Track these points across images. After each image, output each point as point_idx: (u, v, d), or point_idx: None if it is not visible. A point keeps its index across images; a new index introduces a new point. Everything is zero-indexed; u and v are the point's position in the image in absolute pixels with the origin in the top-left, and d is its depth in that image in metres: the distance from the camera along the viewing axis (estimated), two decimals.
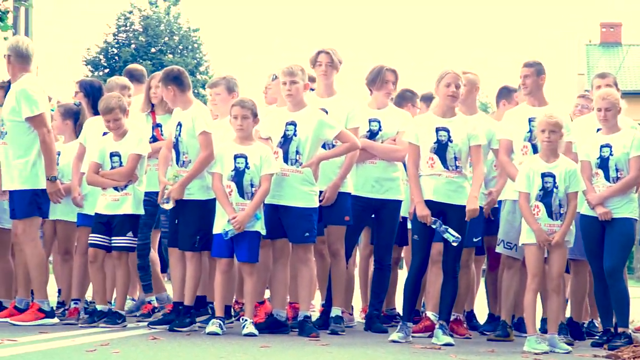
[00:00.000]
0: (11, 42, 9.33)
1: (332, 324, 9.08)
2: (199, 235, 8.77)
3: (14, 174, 8.97)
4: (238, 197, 8.61)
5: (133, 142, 8.99)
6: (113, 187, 8.99)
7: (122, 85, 9.94)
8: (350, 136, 8.94)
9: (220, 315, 8.63)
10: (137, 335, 8.35)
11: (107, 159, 9.05)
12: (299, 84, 8.82)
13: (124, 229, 8.97)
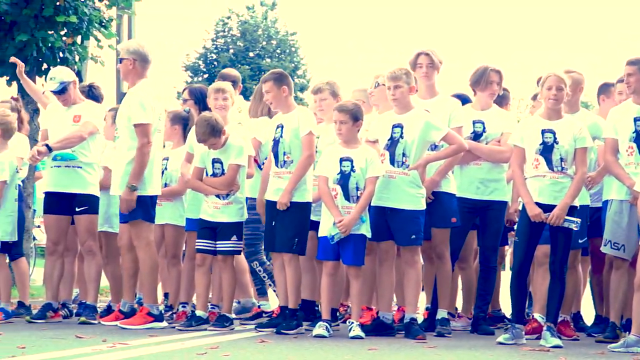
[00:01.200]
0: (132, 46, 9.44)
1: (439, 326, 9.06)
2: (297, 238, 8.83)
3: (126, 179, 9.14)
4: (343, 200, 8.64)
5: (234, 151, 9.08)
6: (215, 195, 9.09)
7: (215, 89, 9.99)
8: (456, 138, 8.91)
9: (327, 318, 8.67)
10: (245, 338, 8.44)
11: (209, 164, 9.16)
12: (403, 87, 8.82)
13: (229, 233, 9.08)
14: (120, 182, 9.13)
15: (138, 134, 9.08)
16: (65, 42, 13.84)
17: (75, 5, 13.60)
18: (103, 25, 14.33)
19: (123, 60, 9.33)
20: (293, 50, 53.39)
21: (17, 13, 13.20)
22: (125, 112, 9.20)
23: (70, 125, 9.78)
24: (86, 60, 14.61)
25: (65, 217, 9.82)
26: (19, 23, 13.30)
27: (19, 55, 13.39)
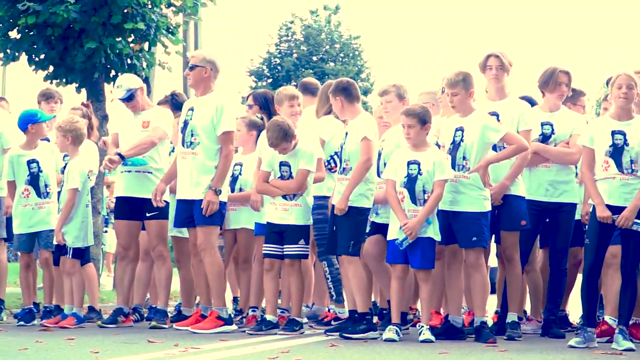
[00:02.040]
0: (208, 55, 9.55)
1: (509, 329, 8.99)
2: (353, 240, 8.84)
3: (201, 184, 9.21)
4: (410, 203, 8.63)
5: (304, 157, 9.11)
6: (282, 197, 9.13)
7: (290, 95, 10.04)
8: (516, 138, 8.82)
9: (397, 322, 8.66)
10: (316, 342, 8.45)
11: (277, 167, 9.20)
12: (460, 94, 8.77)
13: (296, 237, 9.11)
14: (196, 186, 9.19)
15: (224, 141, 9.22)
16: (133, 48, 13.99)
17: (143, 12, 13.74)
18: (170, 31, 14.46)
19: (196, 67, 9.39)
20: (356, 54, 53.37)
21: (86, 21, 13.37)
22: (208, 119, 9.28)
23: (140, 131, 9.88)
24: (154, 66, 14.76)
25: (135, 223, 9.92)
26: (88, 30, 13.47)
27: (87, 62, 13.60)
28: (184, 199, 9.40)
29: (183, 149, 9.37)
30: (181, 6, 14.68)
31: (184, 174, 9.37)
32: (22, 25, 13.34)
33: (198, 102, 9.46)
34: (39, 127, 10.03)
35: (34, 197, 9.97)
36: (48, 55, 13.77)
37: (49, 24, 13.29)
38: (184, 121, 9.42)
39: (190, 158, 9.33)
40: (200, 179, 9.25)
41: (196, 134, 9.31)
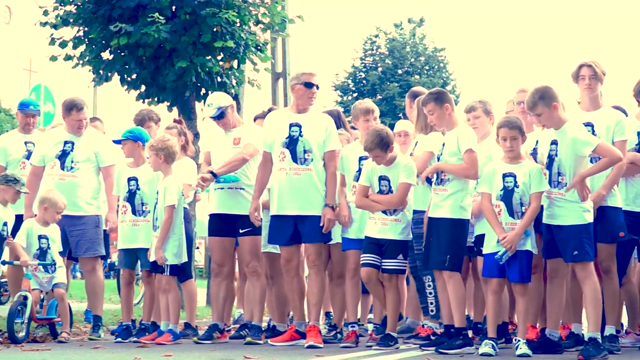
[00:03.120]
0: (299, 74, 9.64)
1: (607, 342, 8.83)
2: (449, 254, 8.77)
3: (313, 200, 9.25)
4: (507, 216, 8.54)
5: (405, 170, 9.08)
6: (382, 211, 9.11)
7: (365, 110, 10.00)
8: (609, 149, 8.59)
9: (493, 336, 8.58)
10: (411, 357, 8.41)
11: (375, 181, 9.18)
12: (544, 112, 8.56)
13: (394, 252, 9.09)
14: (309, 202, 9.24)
15: (330, 159, 9.29)
16: (222, 66, 14.12)
17: (232, 31, 13.87)
18: (259, 48, 14.56)
19: (297, 86, 9.49)
20: (442, 66, 53.18)
21: (177, 40, 13.54)
22: (320, 136, 9.34)
23: (231, 148, 9.97)
24: (243, 83, 14.88)
25: (229, 239, 10.00)
26: (179, 50, 13.64)
27: (178, 81, 13.76)
28: (291, 214, 9.38)
29: (295, 164, 9.38)
30: (269, 23, 14.78)
31: (294, 190, 9.36)
32: (114, 46, 13.56)
33: (304, 119, 9.48)
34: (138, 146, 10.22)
35: (130, 214, 10.11)
36: (140, 75, 13.96)
37: (140, 44, 13.49)
38: (288, 137, 9.43)
39: (304, 174, 9.36)
40: (314, 195, 9.29)
41: (309, 150, 9.36)
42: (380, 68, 52.83)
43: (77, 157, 10.58)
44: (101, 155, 10.73)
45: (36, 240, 9.86)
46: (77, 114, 10.61)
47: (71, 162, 10.57)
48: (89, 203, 10.53)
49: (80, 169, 10.56)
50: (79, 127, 10.63)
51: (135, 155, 10.19)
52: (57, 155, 10.58)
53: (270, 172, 9.60)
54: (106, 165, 10.71)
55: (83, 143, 10.67)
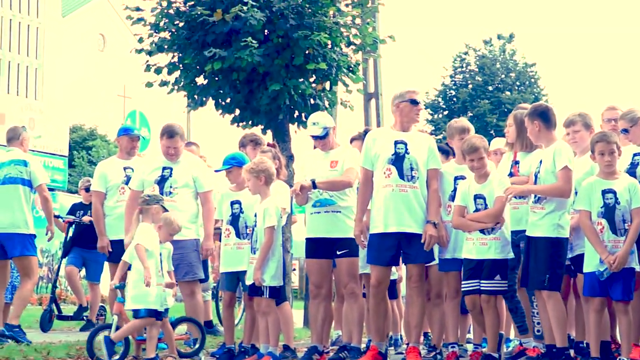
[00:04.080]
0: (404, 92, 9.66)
1: None
2: (548, 274, 8.65)
3: (419, 218, 9.22)
4: (611, 234, 8.40)
5: (500, 186, 9.01)
6: (479, 231, 9.04)
7: (461, 128, 9.94)
8: None
9: (596, 356, 8.44)
10: None
11: (471, 201, 9.12)
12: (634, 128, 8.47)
13: (493, 272, 9.00)
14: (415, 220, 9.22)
15: (433, 177, 9.27)
16: (315, 88, 14.18)
17: (324, 53, 13.93)
18: (351, 70, 14.60)
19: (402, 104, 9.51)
20: (533, 81, 52.73)
21: (270, 64, 13.65)
22: (424, 154, 9.33)
23: (328, 170, 9.97)
24: (336, 105, 14.92)
25: (326, 261, 10.01)
26: (272, 73, 13.75)
27: (272, 104, 13.86)
28: (397, 232, 9.33)
29: (402, 181, 9.34)
30: (361, 45, 14.81)
31: (401, 206, 9.32)
32: (208, 71, 13.72)
33: (409, 137, 9.47)
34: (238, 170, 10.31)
35: (234, 237, 10.18)
36: (234, 99, 14.11)
37: (234, 68, 13.62)
38: (394, 154, 9.41)
39: (411, 192, 9.32)
40: (420, 213, 9.26)
41: (416, 168, 9.34)
42: (471, 85, 52.62)
43: (175, 182, 10.71)
44: (200, 181, 10.84)
45: None
46: (167, 140, 10.74)
47: (170, 188, 10.70)
48: (187, 227, 10.64)
49: (179, 194, 10.69)
50: (168, 154, 10.75)
51: (239, 179, 10.28)
52: (156, 181, 10.72)
53: (372, 191, 9.54)
54: (205, 191, 10.84)
55: (181, 169, 10.79)
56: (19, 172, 11.60)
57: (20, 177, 11.59)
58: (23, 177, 11.60)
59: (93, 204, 11.83)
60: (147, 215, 9.67)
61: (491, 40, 53.75)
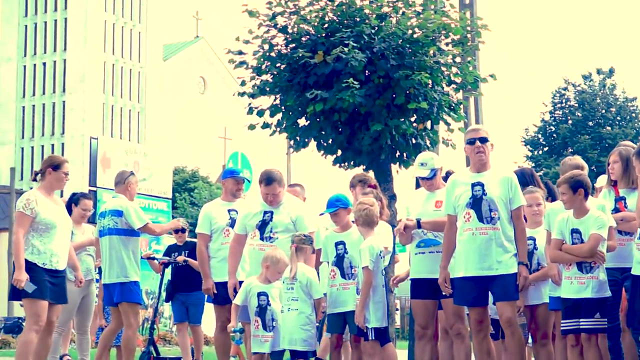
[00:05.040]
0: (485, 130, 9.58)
1: None
2: None
3: (502, 259, 9.12)
4: None
5: (596, 223, 8.87)
6: (578, 269, 8.90)
7: (575, 165, 9.82)
8: None
9: None
10: None
11: (568, 235, 8.99)
12: None
13: (592, 310, 8.85)
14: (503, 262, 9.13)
15: (518, 216, 9.16)
16: (417, 128, 14.19)
17: (425, 92, 13.94)
18: (452, 108, 14.58)
19: (488, 140, 9.41)
20: (634, 116, 51.96)
21: (371, 104, 13.71)
22: (503, 193, 9.23)
23: (433, 210, 9.93)
24: (437, 144, 14.89)
25: (432, 302, 9.93)
26: (373, 113, 13.80)
27: (374, 144, 13.90)
28: (480, 275, 9.28)
29: (481, 224, 9.26)
30: (462, 83, 14.79)
31: (482, 250, 9.24)
32: (310, 112, 13.83)
33: (485, 177, 9.39)
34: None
35: (339, 278, 10.18)
36: (336, 140, 14.18)
37: (335, 109, 13.72)
38: (471, 197, 9.35)
39: (491, 233, 9.23)
40: (503, 255, 9.16)
41: (494, 208, 9.24)
42: (570, 121, 52.08)
43: (276, 227, 10.74)
44: (302, 223, 10.83)
45: (255, 298, 10.02)
46: (265, 187, 10.74)
47: (270, 232, 10.72)
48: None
49: (279, 239, 10.71)
50: (267, 200, 10.77)
51: (345, 221, 10.30)
52: (257, 226, 10.77)
53: (455, 235, 9.46)
54: (307, 233, 10.83)
55: (282, 213, 10.81)
56: (114, 223, 11.84)
57: (116, 228, 11.83)
58: (118, 227, 11.83)
59: (198, 246, 11.96)
60: (302, 254, 9.86)
61: (591, 75, 53.15)
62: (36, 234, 10.16)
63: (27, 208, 10.11)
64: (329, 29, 13.96)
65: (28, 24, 52.80)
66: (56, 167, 10.31)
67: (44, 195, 10.24)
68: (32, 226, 10.11)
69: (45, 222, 10.17)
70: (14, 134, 52.92)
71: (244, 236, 10.81)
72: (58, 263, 10.26)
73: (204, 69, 62.14)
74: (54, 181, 10.33)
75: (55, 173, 10.30)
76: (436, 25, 14.12)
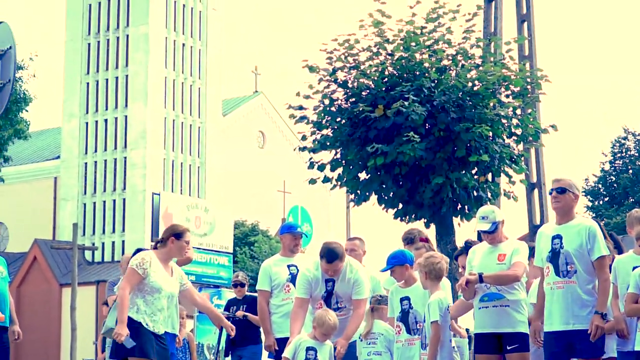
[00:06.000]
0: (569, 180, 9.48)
1: None
2: None
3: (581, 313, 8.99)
4: None
5: None
6: None
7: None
8: None
9: None
10: None
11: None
12: None
13: None
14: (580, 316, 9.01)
15: (600, 266, 9.03)
16: (478, 180, 14.15)
17: (485, 145, 13.93)
18: (513, 160, 14.53)
19: (567, 192, 9.30)
20: None
21: (432, 157, 13.73)
22: (580, 244, 9.12)
23: (495, 264, 9.83)
24: (499, 196, 14.83)
25: (497, 357, 9.82)
26: (434, 166, 13.81)
27: (435, 197, 13.88)
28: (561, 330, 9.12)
29: (557, 278, 9.13)
30: (522, 135, 14.75)
31: (560, 304, 9.10)
32: (371, 166, 13.87)
33: (565, 229, 9.29)
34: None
35: (405, 333, 10.11)
36: (397, 193, 14.20)
37: (396, 162, 13.75)
38: (550, 251, 9.25)
39: (567, 287, 9.10)
40: (583, 309, 9.03)
41: (571, 262, 9.12)
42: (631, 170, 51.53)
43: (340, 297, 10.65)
44: (357, 288, 10.65)
45: (304, 352, 10.00)
46: (326, 265, 10.52)
47: (337, 303, 10.62)
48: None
49: (346, 307, 10.62)
50: (328, 274, 10.68)
51: (406, 276, 10.24)
52: (322, 297, 10.67)
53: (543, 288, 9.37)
54: (358, 299, 10.60)
55: (343, 281, 10.66)
56: None
57: None
58: None
59: (259, 302, 11.93)
60: (378, 313, 9.87)
61: None
62: (140, 294, 10.15)
63: (140, 267, 10.07)
64: (389, 83, 14.03)
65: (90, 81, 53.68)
66: (178, 235, 10.26)
67: (160, 260, 10.22)
68: (139, 286, 10.10)
69: (152, 285, 10.11)
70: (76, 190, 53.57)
71: (306, 300, 10.65)
72: (159, 328, 10.23)
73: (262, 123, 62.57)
74: (175, 250, 10.27)
75: (177, 242, 10.25)
76: (496, 78, 14.11)
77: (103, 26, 53.25)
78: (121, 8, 52.60)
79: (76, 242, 35.23)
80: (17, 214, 55.51)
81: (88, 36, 53.61)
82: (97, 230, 51.70)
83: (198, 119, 55.24)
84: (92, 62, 53.77)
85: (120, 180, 52.01)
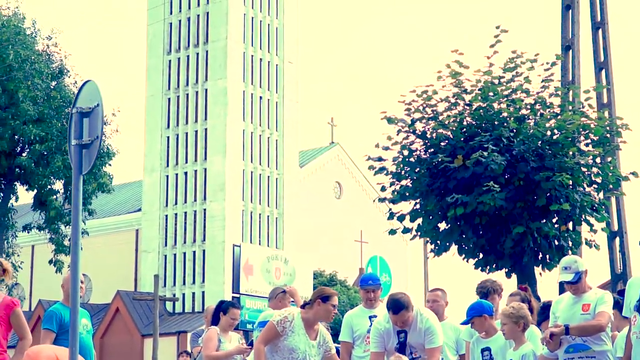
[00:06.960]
0: None
1: None
2: None
3: None
4: None
5: None
6: None
7: None
8: None
9: None
10: None
11: None
12: None
13: None
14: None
15: None
16: (559, 229, 14.08)
17: (566, 193, 13.88)
18: (594, 209, 14.44)
19: None
20: None
21: (512, 207, 13.70)
22: None
23: (579, 314, 9.77)
24: (580, 245, 14.72)
25: None
26: (514, 215, 13.77)
27: (516, 247, 13.83)
28: None
29: None
30: (603, 183, 14.66)
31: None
32: (451, 216, 13.90)
33: None
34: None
35: None
36: (477, 243, 14.18)
37: (476, 212, 13.74)
38: (638, 300, 9.17)
39: None
40: None
41: None
42: None
43: (414, 348, 10.64)
44: (430, 337, 10.64)
45: None
46: (393, 316, 10.49)
47: (411, 354, 10.60)
48: None
49: (420, 357, 10.60)
50: (395, 325, 10.66)
51: (486, 326, 10.20)
52: (395, 348, 10.67)
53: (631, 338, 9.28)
54: (432, 347, 10.59)
55: (415, 330, 10.66)
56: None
57: None
58: None
59: (341, 354, 11.95)
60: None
61: None
62: (274, 353, 10.12)
63: (280, 324, 10.06)
64: (468, 133, 14.08)
65: (170, 135, 54.44)
66: (325, 298, 10.24)
67: (304, 321, 10.17)
68: (274, 342, 10.05)
69: (288, 347, 10.10)
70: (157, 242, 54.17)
71: (381, 354, 10.59)
72: None
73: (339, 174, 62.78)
74: (322, 312, 10.23)
75: (324, 305, 10.22)
76: (575, 126, 14.09)
77: (182, 81, 54.08)
78: (200, 63, 53.41)
79: (157, 293, 35.56)
80: (100, 266, 56.24)
81: (168, 91, 54.47)
82: (178, 281, 52.17)
83: (275, 171, 55.64)
84: (172, 116, 54.60)
85: (200, 232, 52.48)
